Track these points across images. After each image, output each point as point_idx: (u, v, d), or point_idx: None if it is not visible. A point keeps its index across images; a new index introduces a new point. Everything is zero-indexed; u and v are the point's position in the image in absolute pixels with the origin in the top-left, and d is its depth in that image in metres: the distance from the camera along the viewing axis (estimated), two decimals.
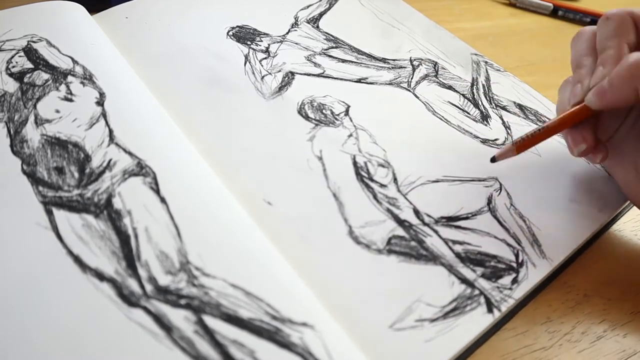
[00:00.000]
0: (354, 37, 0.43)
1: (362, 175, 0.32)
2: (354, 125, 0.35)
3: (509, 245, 0.29)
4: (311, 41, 0.42)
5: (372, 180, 0.32)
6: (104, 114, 0.32)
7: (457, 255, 0.28)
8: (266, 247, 0.27)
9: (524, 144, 0.30)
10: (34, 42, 0.36)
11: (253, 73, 0.38)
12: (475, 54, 0.44)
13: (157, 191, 0.28)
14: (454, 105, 0.39)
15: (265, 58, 0.39)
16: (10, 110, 0.31)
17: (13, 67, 0.34)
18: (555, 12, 0.59)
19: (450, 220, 0.30)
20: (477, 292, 0.27)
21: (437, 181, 0.32)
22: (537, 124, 0.38)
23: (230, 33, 0.41)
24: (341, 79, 0.39)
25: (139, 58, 0.37)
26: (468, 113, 0.38)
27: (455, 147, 0.35)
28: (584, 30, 0.33)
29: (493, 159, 0.31)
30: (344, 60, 0.41)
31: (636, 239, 0.33)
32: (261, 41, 0.41)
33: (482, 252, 0.29)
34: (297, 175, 0.31)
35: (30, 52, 0.35)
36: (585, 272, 0.30)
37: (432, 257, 0.28)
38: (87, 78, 0.34)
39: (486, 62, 0.43)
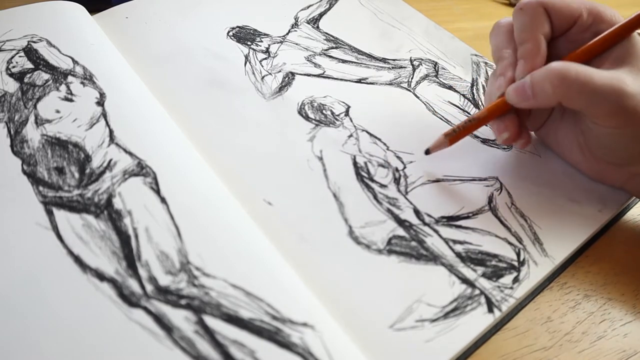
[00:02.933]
0: (354, 38, 0.43)
1: (363, 175, 0.32)
2: (354, 126, 0.35)
3: (510, 244, 0.29)
4: (311, 41, 0.42)
5: (372, 180, 0.32)
6: (104, 114, 0.32)
7: (458, 255, 0.28)
8: (266, 247, 0.27)
9: (456, 136, 0.32)
10: (34, 42, 0.36)
11: (253, 73, 0.38)
12: (475, 55, 0.44)
13: (157, 191, 0.28)
14: (455, 106, 0.39)
15: (265, 58, 0.39)
16: (10, 110, 0.31)
17: (13, 67, 0.34)
18: None
19: (450, 220, 0.30)
20: (477, 292, 0.27)
21: (437, 181, 0.32)
22: None
23: (231, 33, 0.41)
24: (341, 80, 0.39)
25: (139, 58, 0.37)
26: (468, 113, 0.38)
27: (456, 147, 0.35)
28: (500, 22, 0.34)
29: (427, 152, 0.32)
30: (344, 61, 0.41)
31: (636, 239, 0.33)
32: (261, 41, 0.41)
33: (483, 251, 0.29)
34: (297, 175, 0.31)
35: (30, 52, 0.35)
36: (585, 272, 0.30)
37: (432, 257, 0.28)
38: (88, 78, 0.34)
39: (486, 63, 0.43)
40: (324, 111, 0.36)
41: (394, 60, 0.42)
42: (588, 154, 0.32)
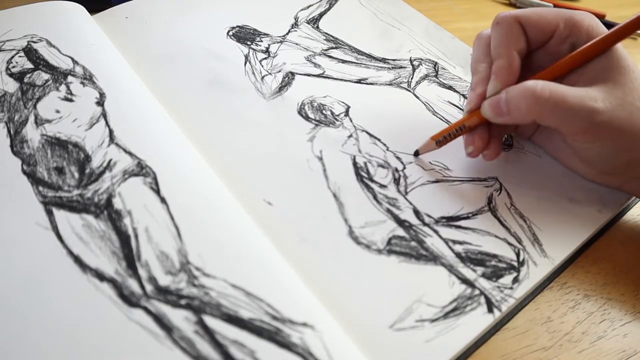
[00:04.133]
0: (354, 38, 0.43)
1: (362, 175, 0.32)
2: (354, 126, 0.35)
3: (509, 244, 0.29)
4: (311, 41, 0.42)
5: (372, 180, 0.32)
6: (104, 114, 0.32)
7: (458, 255, 0.28)
8: (266, 247, 0.27)
9: (444, 142, 0.33)
10: (34, 42, 0.36)
11: (253, 73, 0.38)
12: None
13: (157, 191, 0.28)
14: (454, 106, 0.39)
15: (265, 58, 0.39)
16: (10, 110, 0.31)
17: (13, 67, 0.34)
18: None
19: (450, 220, 0.30)
20: (477, 292, 0.27)
21: (437, 181, 0.32)
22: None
23: (231, 33, 0.41)
24: (341, 80, 0.39)
25: (139, 58, 0.37)
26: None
27: (455, 147, 0.35)
28: (482, 34, 0.34)
29: (416, 153, 0.34)
30: (344, 61, 0.41)
31: (636, 240, 0.33)
32: (261, 41, 0.41)
33: (483, 251, 0.29)
34: (297, 176, 0.31)
35: (30, 52, 0.35)
36: (585, 272, 0.30)
37: (432, 257, 0.28)
38: (87, 78, 0.34)
39: None
40: (323, 111, 0.36)
41: (393, 60, 0.42)
42: (583, 166, 0.33)
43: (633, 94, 0.29)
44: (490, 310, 0.26)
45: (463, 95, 0.40)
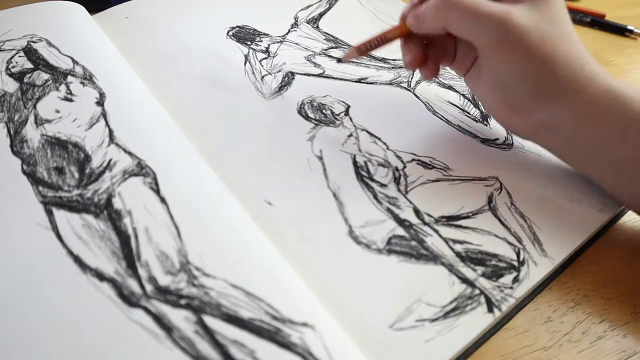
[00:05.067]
0: (353, 38, 0.43)
1: (362, 175, 0.32)
2: (354, 125, 0.35)
3: (510, 243, 0.29)
4: (311, 41, 0.42)
5: (372, 179, 0.32)
6: (104, 114, 0.32)
7: (458, 254, 0.28)
8: (266, 247, 0.27)
9: (366, 50, 0.34)
10: (34, 42, 0.36)
11: (253, 73, 0.38)
12: None
13: (157, 191, 0.28)
14: (454, 105, 0.39)
15: (265, 58, 0.39)
16: (10, 110, 0.31)
17: (13, 67, 0.34)
18: None
19: (450, 220, 0.30)
20: (477, 291, 0.27)
21: (437, 180, 0.32)
22: None
23: (230, 33, 0.41)
24: (341, 79, 0.39)
25: (139, 58, 0.37)
26: (468, 113, 0.38)
27: (455, 147, 0.35)
28: None
29: (339, 60, 0.37)
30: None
31: (636, 240, 0.33)
32: (261, 41, 0.41)
33: (483, 251, 0.29)
34: (297, 175, 0.31)
35: (30, 52, 0.35)
36: (585, 272, 0.30)
37: (432, 257, 0.28)
38: (87, 78, 0.34)
39: None
40: (323, 111, 0.36)
41: (393, 60, 0.42)
42: (497, 99, 0.32)
43: (548, 22, 0.29)
44: (490, 309, 0.26)
45: (463, 95, 0.40)
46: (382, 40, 0.33)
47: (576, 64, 0.29)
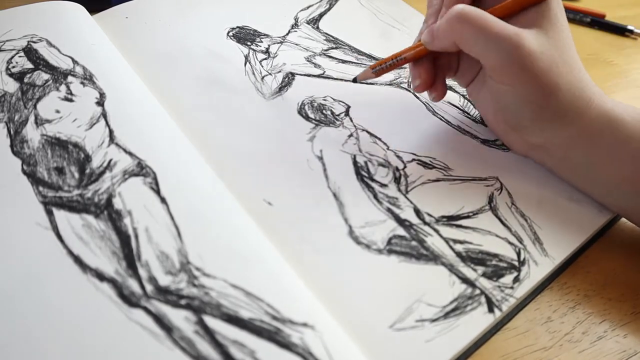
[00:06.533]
0: (354, 38, 0.43)
1: (363, 175, 0.32)
2: (354, 125, 0.35)
3: (510, 243, 0.29)
4: (311, 42, 0.42)
5: (372, 179, 0.32)
6: (104, 114, 0.32)
7: (458, 254, 0.28)
8: (266, 247, 0.27)
9: (382, 70, 0.35)
10: (34, 42, 0.36)
11: (253, 73, 0.38)
12: None
13: (157, 191, 0.28)
14: (454, 106, 0.39)
15: (265, 59, 0.39)
16: (10, 110, 0.31)
17: (13, 67, 0.34)
18: None
19: (451, 220, 0.30)
20: (478, 291, 0.27)
21: (437, 180, 0.32)
22: None
23: (231, 34, 0.41)
24: (341, 80, 0.39)
25: (139, 58, 0.37)
26: (468, 114, 0.38)
27: (456, 147, 0.35)
28: None
29: (354, 80, 0.36)
30: (344, 61, 0.41)
31: (636, 240, 0.33)
32: (261, 42, 0.41)
33: (484, 251, 0.29)
34: (297, 175, 0.31)
35: (30, 52, 0.35)
36: (585, 273, 0.30)
37: (432, 257, 0.28)
38: (87, 78, 0.34)
39: None
40: (324, 111, 0.36)
41: None
42: (497, 115, 0.33)
43: (555, 48, 0.29)
44: (490, 309, 0.26)
45: (463, 96, 0.40)
46: (398, 61, 0.34)
47: (577, 89, 0.30)
